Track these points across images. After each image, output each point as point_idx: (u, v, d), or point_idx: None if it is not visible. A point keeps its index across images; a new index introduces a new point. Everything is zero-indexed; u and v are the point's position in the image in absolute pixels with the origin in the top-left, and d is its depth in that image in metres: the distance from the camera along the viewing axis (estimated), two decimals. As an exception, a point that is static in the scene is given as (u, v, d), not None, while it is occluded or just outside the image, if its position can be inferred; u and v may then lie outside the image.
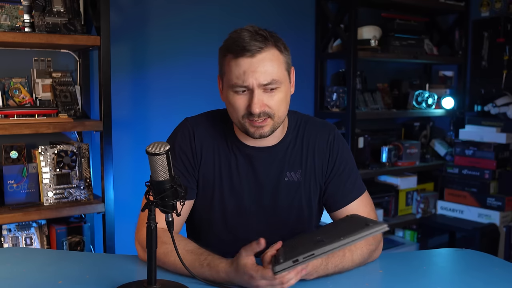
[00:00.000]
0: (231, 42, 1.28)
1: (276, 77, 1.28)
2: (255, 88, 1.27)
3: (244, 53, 1.25)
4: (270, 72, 1.27)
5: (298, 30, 3.15)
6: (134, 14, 2.59)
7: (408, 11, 3.44)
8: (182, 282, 1.18)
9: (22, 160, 2.15)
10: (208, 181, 1.43)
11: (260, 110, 1.28)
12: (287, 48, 1.34)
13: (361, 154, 3.13)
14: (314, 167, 1.46)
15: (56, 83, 2.32)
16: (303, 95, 3.20)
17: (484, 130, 3.39)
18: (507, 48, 3.42)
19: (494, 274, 1.34)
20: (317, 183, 1.47)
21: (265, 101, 1.28)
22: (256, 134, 1.32)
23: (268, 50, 1.27)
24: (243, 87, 1.28)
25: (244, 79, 1.26)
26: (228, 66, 1.29)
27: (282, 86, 1.31)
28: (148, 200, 1.12)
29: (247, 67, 1.26)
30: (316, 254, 1.06)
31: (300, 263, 1.06)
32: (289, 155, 1.44)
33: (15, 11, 2.11)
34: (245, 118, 1.30)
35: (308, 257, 1.06)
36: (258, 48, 1.25)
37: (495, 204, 3.24)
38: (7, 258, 1.39)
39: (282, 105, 1.32)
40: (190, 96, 2.76)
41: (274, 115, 1.31)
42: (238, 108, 1.30)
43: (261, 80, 1.26)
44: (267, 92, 1.29)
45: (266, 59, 1.27)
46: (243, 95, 1.29)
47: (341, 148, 1.50)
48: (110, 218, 2.24)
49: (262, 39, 1.26)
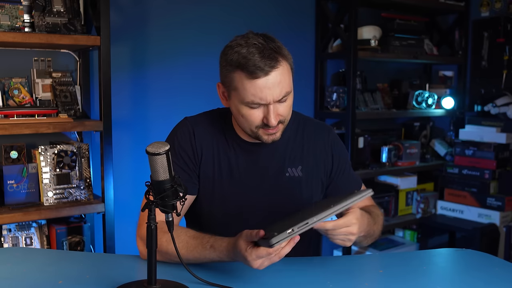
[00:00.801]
0: (242, 61, 1.29)
1: (289, 89, 1.34)
2: (271, 103, 1.32)
3: (259, 75, 1.28)
4: (285, 86, 1.32)
5: (298, 30, 3.15)
6: (134, 14, 2.59)
7: (408, 11, 3.44)
8: (182, 282, 1.18)
9: (22, 160, 2.15)
10: (209, 178, 1.45)
11: (276, 121, 1.34)
12: (289, 54, 1.38)
13: (361, 154, 3.13)
14: (315, 164, 1.51)
15: (56, 83, 2.32)
16: (303, 95, 3.20)
17: (484, 130, 3.39)
18: (507, 48, 3.42)
19: (494, 274, 1.34)
20: (319, 180, 1.51)
21: (279, 111, 1.34)
22: (269, 140, 1.38)
23: (280, 65, 1.31)
24: (259, 104, 1.32)
25: (261, 96, 1.30)
26: (241, 84, 1.31)
27: (291, 93, 1.36)
28: (148, 200, 1.13)
29: (263, 86, 1.29)
30: (310, 223, 1.10)
31: (295, 232, 1.09)
32: (290, 151, 1.49)
33: (15, 11, 2.11)
34: (259, 128, 1.35)
35: (302, 226, 1.09)
36: (270, 67, 1.28)
37: (495, 204, 3.24)
38: (7, 258, 1.39)
39: (290, 110, 1.39)
40: (190, 96, 2.76)
41: (285, 121, 1.38)
42: (253, 121, 1.34)
43: (277, 96, 1.31)
44: (279, 103, 1.34)
45: (279, 75, 1.30)
46: (258, 109, 1.33)
47: (341, 147, 1.57)
48: (110, 218, 2.24)
49: (272, 56, 1.29)
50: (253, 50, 1.28)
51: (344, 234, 1.22)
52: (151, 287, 1.12)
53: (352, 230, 1.22)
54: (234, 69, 1.31)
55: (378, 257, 1.41)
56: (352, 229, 1.22)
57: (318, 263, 1.45)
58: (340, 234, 1.22)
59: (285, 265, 1.35)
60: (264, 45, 1.30)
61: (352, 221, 1.22)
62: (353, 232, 1.23)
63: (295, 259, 1.40)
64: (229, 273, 1.29)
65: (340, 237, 1.22)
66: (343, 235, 1.22)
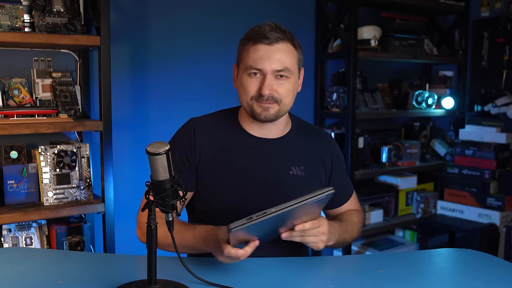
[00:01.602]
0: (253, 32, 1.42)
1: (288, 66, 1.40)
2: (268, 73, 1.39)
3: (263, 40, 1.38)
4: (284, 60, 1.39)
5: (298, 30, 3.11)
6: (134, 14, 2.59)
7: (408, 11, 3.44)
8: (182, 282, 1.18)
9: (22, 160, 2.15)
10: (211, 172, 1.47)
11: (270, 93, 1.39)
12: (301, 48, 1.48)
13: (361, 154, 3.13)
14: (316, 166, 1.54)
15: (56, 83, 2.32)
16: (303, 95, 3.20)
17: (484, 130, 3.39)
18: (507, 48, 3.42)
19: (494, 274, 1.34)
20: (319, 182, 1.55)
21: (275, 86, 1.40)
22: (262, 115, 1.41)
23: (285, 42, 1.41)
24: (257, 70, 1.39)
25: (259, 62, 1.38)
26: (247, 52, 1.41)
27: (292, 77, 1.43)
28: (148, 200, 1.13)
29: (264, 53, 1.38)
30: (268, 213, 1.14)
31: (253, 220, 1.13)
32: (293, 150, 1.52)
33: (15, 11, 2.11)
34: (254, 100, 1.41)
35: (261, 215, 1.14)
36: (277, 38, 1.39)
37: (495, 204, 3.24)
38: (7, 258, 1.39)
39: (289, 95, 1.43)
40: (190, 96, 2.76)
41: (280, 102, 1.41)
42: (250, 90, 1.41)
43: (275, 66, 1.38)
44: (277, 79, 1.40)
45: (282, 49, 1.40)
46: (256, 79, 1.40)
47: (340, 154, 1.64)
48: (110, 218, 2.25)
49: (281, 32, 1.40)
50: (266, 26, 1.41)
51: (315, 236, 1.28)
52: (151, 287, 1.12)
53: (323, 230, 1.29)
54: (245, 42, 1.43)
55: (378, 257, 1.41)
56: (323, 228, 1.29)
57: (318, 263, 1.46)
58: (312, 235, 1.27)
59: (285, 265, 1.36)
60: (278, 25, 1.42)
61: (322, 222, 1.29)
62: (324, 231, 1.29)
63: (295, 259, 1.40)
64: (229, 273, 1.29)
65: (311, 238, 1.28)
66: (314, 236, 1.28)
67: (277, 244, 1.46)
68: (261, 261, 1.37)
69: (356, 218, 1.60)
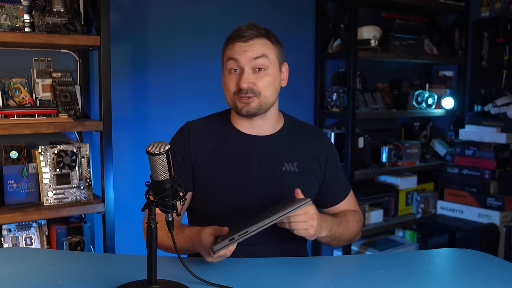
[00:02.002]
0: (231, 34, 1.48)
1: (265, 53, 1.44)
2: (245, 65, 1.43)
3: (239, 38, 1.44)
4: (261, 50, 1.44)
5: (298, 30, 3.15)
6: (134, 14, 2.59)
7: (408, 11, 3.44)
8: (182, 282, 1.18)
9: (22, 160, 2.15)
10: (206, 172, 1.51)
11: (248, 86, 1.43)
12: (279, 42, 1.51)
13: (361, 154, 3.13)
14: (311, 163, 1.56)
15: (56, 83, 2.32)
16: (303, 95, 3.20)
17: (484, 130, 3.39)
18: (507, 48, 3.42)
19: (494, 274, 1.34)
20: (314, 177, 1.57)
21: (253, 79, 1.44)
22: (244, 110, 1.45)
23: (260, 38, 1.45)
24: (235, 63, 1.44)
25: (236, 56, 1.44)
26: (225, 52, 1.48)
27: (271, 69, 1.46)
28: (148, 200, 1.12)
29: (239, 48, 1.44)
30: (249, 232, 1.20)
31: (235, 240, 1.20)
32: (286, 147, 1.54)
33: (15, 11, 2.11)
34: (235, 95, 1.45)
35: (242, 234, 1.20)
36: (251, 35, 1.44)
37: (495, 204, 3.24)
38: (7, 258, 1.39)
39: (269, 87, 1.46)
40: (190, 96, 2.76)
41: (260, 94, 1.44)
42: (230, 86, 1.46)
43: (250, 55, 1.43)
44: (256, 73, 1.44)
45: (257, 43, 1.44)
46: (235, 75, 1.45)
47: (334, 151, 1.65)
48: (110, 218, 2.24)
49: (255, 29, 1.46)
50: (243, 26, 1.47)
51: (304, 221, 1.31)
52: (151, 287, 1.12)
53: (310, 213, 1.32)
54: (225, 44, 1.49)
55: (378, 257, 1.41)
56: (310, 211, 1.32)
57: (318, 263, 1.46)
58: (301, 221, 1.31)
59: (285, 265, 1.36)
60: (254, 24, 1.47)
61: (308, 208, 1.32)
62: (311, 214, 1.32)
63: (295, 259, 1.40)
64: (229, 273, 1.29)
65: (301, 224, 1.31)
66: (303, 221, 1.31)
67: (277, 244, 1.47)
68: (261, 261, 1.37)
69: (352, 217, 1.60)
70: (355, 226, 1.60)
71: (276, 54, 1.48)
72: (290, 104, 3.07)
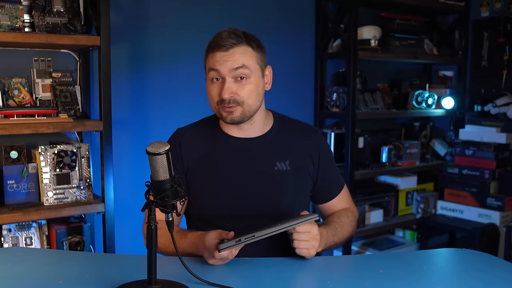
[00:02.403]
0: (211, 41, 1.47)
1: (246, 64, 1.42)
2: (226, 75, 1.42)
3: (219, 48, 1.43)
4: (241, 60, 1.42)
5: (298, 30, 3.15)
6: (134, 14, 2.59)
7: (408, 11, 3.44)
8: (182, 282, 1.18)
9: (22, 160, 2.15)
10: (199, 178, 1.51)
11: (229, 97, 1.42)
12: (261, 47, 1.49)
13: (361, 154, 3.13)
14: (303, 160, 1.56)
15: (56, 83, 2.32)
16: (303, 95, 3.20)
17: (484, 130, 3.39)
18: (507, 48, 3.42)
19: (494, 274, 1.34)
20: (308, 175, 1.57)
21: (235, 89, 1.43)
22: (228, 119, 1.46)
23: (240, 46, 1.43)
24: (216, 73, 1.43)
25: (217, 68, 1.42)
26: (207, 60, 1.48)
27: (252, 77, 1.45)
28: (148, 200, 1.13)
29: (219, 57, 1.43)
30: (256, 236, 1.24)
31: (242, 242, 1.23)
32: (277, 147, 1.54)
33: (15, 11, 2.11)
34: (219, 105, 1.45)
35: (249, 238, 1.24)
36: (231, 44, 1.42)
37: (495, 204, 3.24)
38: (7, 258, 1.39)
39: (252, 95, 1.45)
40: (190, 97, 2.76)
41: (243, 103, 1.44)
42: (213, 95, 1.46)
43: (230, 65, 1.41)
44: (237, 82, 1.43)
45: (238, 52, 1.43)
46: (217, 84, 1.45)
47: (327, 148, 1.65)
48: (110, 218, 2.24)
49: (235, 37, 1.43)
50: (223, 33, 1.45)
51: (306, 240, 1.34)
52: (151, 287, 1.12)
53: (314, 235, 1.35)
54: (207, 50, 1.48)
55: (378, 257, 1.41)
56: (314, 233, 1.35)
57: (318, 263, 1.45)
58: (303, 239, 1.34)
59: (285, 265, 1.36)
60: (234, 31, 1.45)
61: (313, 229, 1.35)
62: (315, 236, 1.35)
63: (295, 259, 1.40)
64: (229, 273, 1.29)
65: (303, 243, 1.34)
66: (305, 240, 1.34)
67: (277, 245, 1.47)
68: (261, 261, 1.37)
69: (346, 219, 1.60)
70: (350, 228, 1.60)
71: (257, 61, 1.46)
72: (290, 104, 3.08)
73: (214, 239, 1.30)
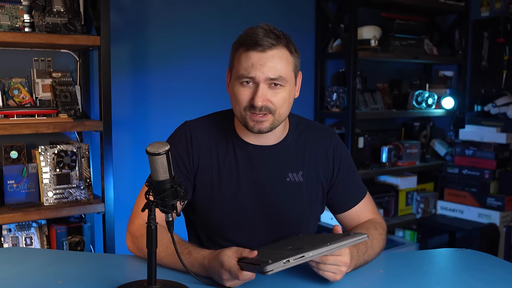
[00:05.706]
0: (245, 37, 1.31)
1: (283, 75, 1.30)
2: (261, 81, 1.29)
3: (255, 47, 1.29)
4: (278, 68, 1.30)
5: (298, 30, 3.15)
6: (134, 14, 2.59)
7: (408, 11, 3.44)
8: (182, 282, 1.18)
9: (22, 160, 2.15)
10: (207, 181, 1.42)
11: (263, 104, 1.30)
12: (297, 51, 1.37)
13: (361, 154, 3.13)
14: (316, 169, 1.47)
15: (56, 83, 2.32)
16: (303, 95, 3.20)
17: (484, 130, 3.39)
18: (507, 48, 3.42)
19: (494, 274, 1.34)
20: (320, 186, 1.48)
21: (269, 96, 1.31)
22: (255, 129, 1.33)
23: (279, 48, 1.30)
24: (249, 79, 1.30)
25: (251, 71, 1.29)
26: (238, 59, 1.32)
27: (287, 85, 1.33)
28: (148, 200, 1.12)
29: (256, 60, 1.29)
30: (306, 257, 1.11)
31: (290, 264, 1.10)
32: (291, 156, 1.45)
33: (15, 11, 2.11)
34: (247, 111, 1.32)
35: (298, 258, 1.10)
36: (270, 45, 1.29)
37: (495, 204, 3.24)
38: (7, 258, 1.39)
39: (285, 104, 1.34)
40: (190, 97, 2.76)
41: (275, 112, 1.32)
42: (242, 100, 1.32)
43: (268, 75, 1.29)
44: (271, 88, 1.31)
45: (276, 56, 1.30)
46: (248, 88, 1.31)
47: (344, 152, 1.52)
48: (110, 218, 2.24)
49: (275, 37, 1.30)
50: (259, 30, 1.30)
51: (335, 264, 1.19)
52: (151, 287, 1.12)
53: (344, 260, 1.20)
54: (237, 47, 1.33)
55: (378, 257, 1.40)
56: (344, 260, 1.20)
57: (318, 263, 1.45)
58: (332, 263, 1.19)
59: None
60: (271, 29, 1.31)
61: (344, 254, 1.21)
62: (346, 262, 1.20)
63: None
64: (229, 273, 1.28)
65: (331, 267, 1.19)
66: (334, 265, 1.19)
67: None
68: (261, 261, 1.37)
69: (375, 231, 1.42)
70: (380, 242, 1.42)
71: (293, 67, 1.34)
72: (290, 104, 3.08)
73: (233, 258, 1.15)
